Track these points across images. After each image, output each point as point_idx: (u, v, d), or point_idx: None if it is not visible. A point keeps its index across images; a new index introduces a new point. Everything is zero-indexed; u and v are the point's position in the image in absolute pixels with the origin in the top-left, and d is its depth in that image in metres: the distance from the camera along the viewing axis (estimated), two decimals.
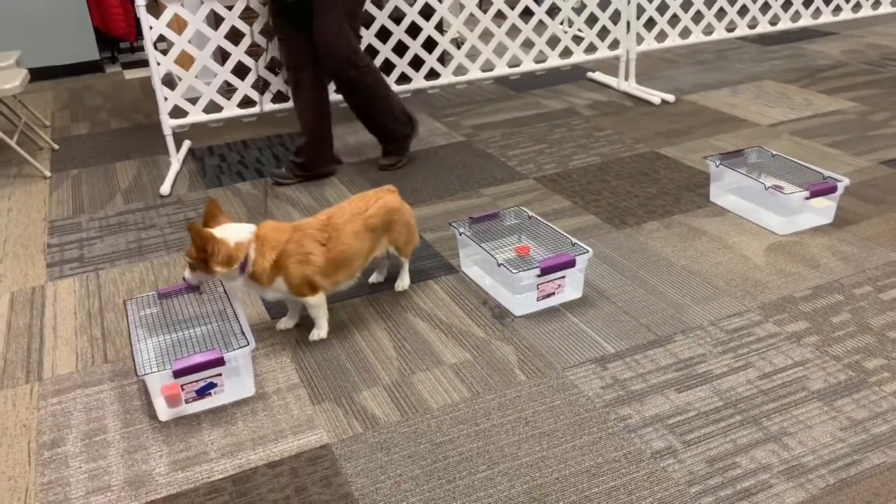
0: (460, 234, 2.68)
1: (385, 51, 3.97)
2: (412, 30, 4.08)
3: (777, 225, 2.89)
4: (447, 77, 4.25)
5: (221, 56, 4.09)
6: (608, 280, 2.64)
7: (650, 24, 4.60)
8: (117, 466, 1.93)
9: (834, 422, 1.94)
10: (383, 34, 3.98)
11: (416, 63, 4.24)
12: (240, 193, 3.51)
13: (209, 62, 3.65)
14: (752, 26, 4.94)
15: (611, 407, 2.04)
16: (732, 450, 1.87)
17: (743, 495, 1.74)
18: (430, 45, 4.29)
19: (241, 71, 3.80)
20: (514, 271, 2.38)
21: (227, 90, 3.96)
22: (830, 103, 4.23)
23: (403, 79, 4.12)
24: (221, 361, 2.05)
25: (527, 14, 4.29)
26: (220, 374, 2.09)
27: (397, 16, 3.97)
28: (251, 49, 3.72)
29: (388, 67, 4.08)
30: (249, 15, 3.66)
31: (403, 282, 2.65)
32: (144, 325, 2.34)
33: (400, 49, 4.13)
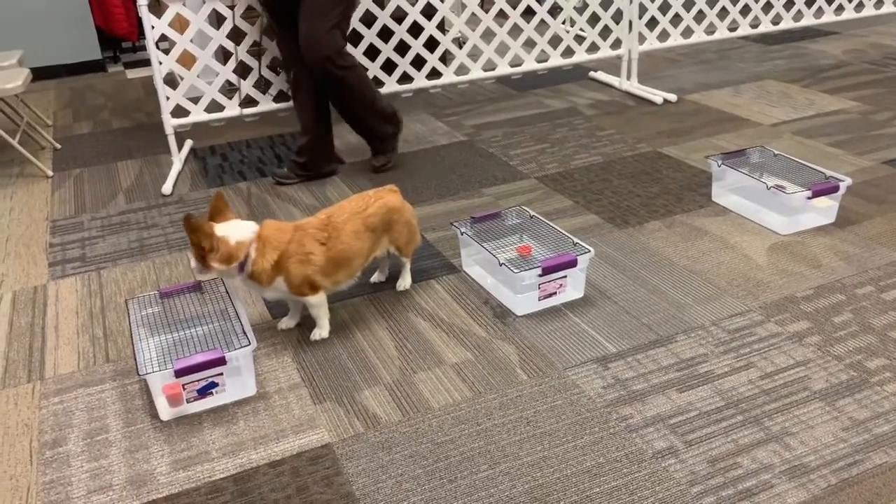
0: (462, 234, 2.68)
1: (387, 50, 3.96)
2: (414, 29, 4.08)
3: (779, 225, 2.89)
4: (449, 76, 4.24)
5: (223, 55, 4.09)
6: (610, 280, 2.64)
7: (652, 24, 4.60)
8: (119, 466, 1.93)
9: (836, 422, 1.94)
10: (385, 33, 3.98)
11: (418, 62, 4.24)
12: (242, 193, 3.51)
13: (211, 61, 3.66)
14: (755, 26, 4.93)
15: (612, 407, 2.04)
16: (734, 450, 1.87)
17: (744, 495, 1.74)
18: (432, 45, 4.29)
19: (243, 70, 3.80)
20: (516, 271, 2.38)
21: (229, 89, 3.97)
22: (833, 103, 4.22)
23: (405, 78, 4.12)
24: (223, 361, 2.05)
25: (528, 13, 4.29)
26: (222, 374, 2.09)
27: (399, 15, 3.97)
28: (253, 48, 3.73)
29: (390, 67, 4.08)
30: (251, 14, 3.66)
31: (405, 281, 2.65)
32: (146, 325, 2.34)
33: (402, 48, 4.13)
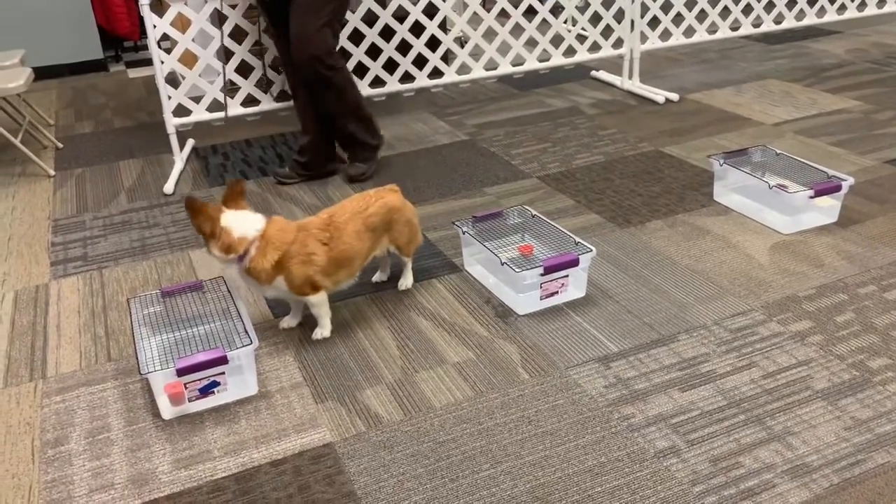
0: (463, 233, 2.67)
1: (388, 49, 3.96)
2: (416, 28, 4.07)
3: (781, 224, 2.88)
4: (451, 76, 4.24)
5: (225, 55, 4.09)
6: (611, 279, 2.63)
7: (654, 23, 4.60)
8: (120, 464, 1.93)
9: (838, 421, 1.94)
10: (387, 33, 3.98)
11: (420, 62, 4.24)
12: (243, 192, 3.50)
13: (213, 61, 3.65)
14: (757, 25, 4.92)
15: (614, 406, 2.03)
16: (736, 449, 1.87)
17: (746, 495, 1.74)
18: (434, 44, 4.29)
19: (245, 69, 3.80)
20: (518, 270, 2.38)
21: (231, 89, 3.97)
22: (835, 102, 4.22)
23: (407, 77, 4.12)
24: (225, 360, 2.05)
25: (530, 13, 4.28)
26: (224, 373, 2.09)
27: (401, 14, 3.97)
28: (255, 48, 3.73)
29: (392, 66, 4.08)
30: (253, 14, 3.66)
31: (407, 281, 2.65)
32: (148, 324, 2.34)
33: (403, 48, 4.12)
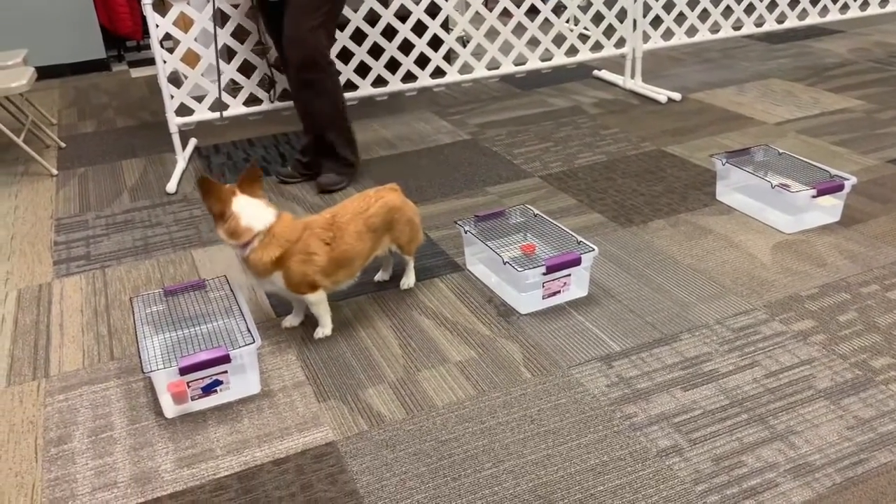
0: (466, 233, 2.68)
1: (391, 49, 3.97)
2: (418, 28, 4.07)
3: (784, 223, 2.88)
4: (453, 75, 4.24)
5: (227, 54, 4.10)
6: (614, 278, 2.63)
7: (656, 23, 4.59)
8: (123, 463, 1.94)
9: (841, 420, 1.94)
10: (389, 32, 3.98)
11: (422, 61, 4.24)
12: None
13: (215, 60, 3.65)
14: (759, 24, 4.92)
15: (616, 405, 2.03)
16: (738, 448, 1.87)
17: (749, 494, 1.74)
18: (436, 44, 4.29)
19: (247, 69, 3.80)
20: (520, 269, 2.38)
21: (234, 88, 3.97)
22: (837, 101, 4.21)
23: (409, 77, 4.12)
24: (227, 359, 2.05)
25: (533, 12, 4.29)
26: (226, 372, 2.09)
27: (403, 14, 3.97)
28: (257, 47, 3.73)
29: (394, 65, 4.08)
30: (255, 13, 3.66)
31: (409, 280, 2.65)
32: (150, 323, 2.34)
33: (406, 47, 4.12)
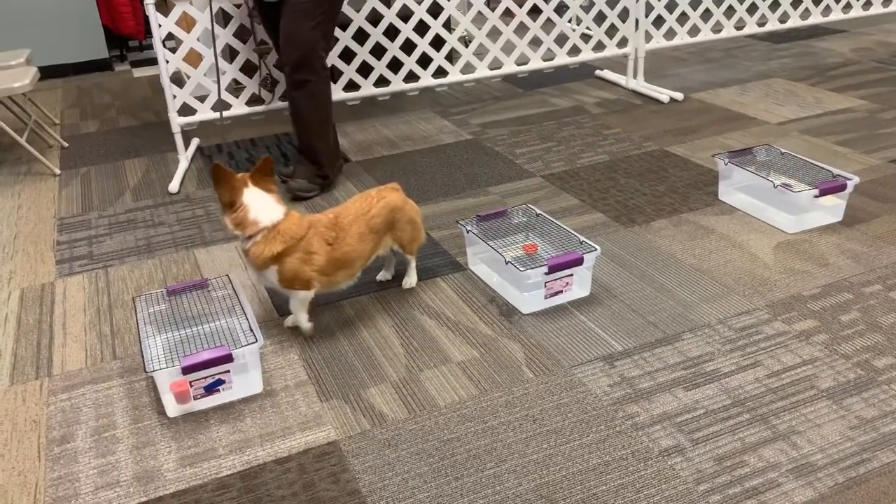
0: (468, 232, 2.68)
1: (393, 49, 3.97)
2: (420, 28, 4.07)
3: (786, 223, 2.88)
4: (455, 75, 4.24)
5: (230, 54, 4.10)
6: (616, 278, 2.63)
7: (659, 22, 4.59)
8: (126, 462, 1.94)
9: (843, 420, 1.94)
10: (391, 32, 3.98)
11: (424, 61, 4.24)
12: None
13: (218, 60, 3.66)
14: (762, 24, 4.91)
15: (618, 405, 2.03)
16: (741, 448, 1.87)
17: (751, 494, 1.73)
18: (438, 44, 4.29)
19: (250, 69, 3.80)
20: (522, 269, 2.38)
21: (236, 88, 3.97)
22: (840, 101, 4.21)
23: (411, 77, 4.12)
24: (230, 358, 2.05)
25: (535, 12, 4.28)
26: (229, 371, 2.09)
27: (405, 14, 3.97)
28: (262, 47, 3.73)
29: (396, 65, 4.08)
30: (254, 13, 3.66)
31: (411, 279, 2.65)
32: (153, 322, 2.34)
33: (408, 47, 4.12)
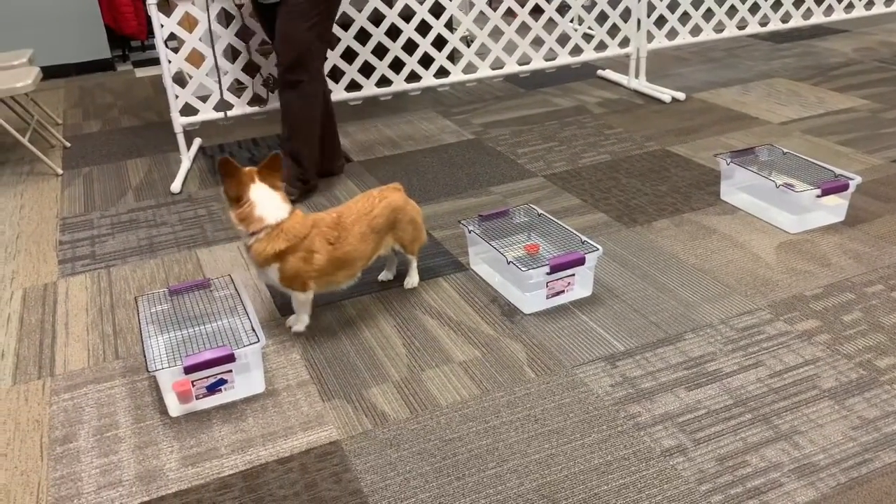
0: (469, 232, 2.68)
1: (395, 49, 3.97)
2: (422, 28, 4.08)
3: (788, 223, 2.87)
4: (457, 75, 4.24)
5: (232, 54, 4.10)
6: (618, 278, 2.63)
7: (661, 22, 4.59)
8: (128, 462, 1.94)
9: (845, 420, 1.93)
10: (393, 32, 3.98)
11: (426, 61, 4.24)
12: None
13: (219, 60, 3.66)
14: (764, 24, 4.91)
15: (620, 405, 2.03)
16: (742, 448, 1.87)
17: (753, 494, 1.73)
18: (440, 43, 4.29)
19: (251, 69, 3.80)
20: (524, 269, 2.38)
21: (238, 88, 3.98)
22: (842, 101, 4.20)
23: (413, 77, 4.12)
24: (232, 358, 2.05)
25: (537, 12, 4.28)
26: (231, 371, 2.09)
27: (407, 14, 3.97)
28: (262, 47, 3.73)
29: (398, 65, 4.08)
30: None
31: (412, 279, 2.65)
32: (155, 322, 2.35)
33: (410, 47, 4.13)
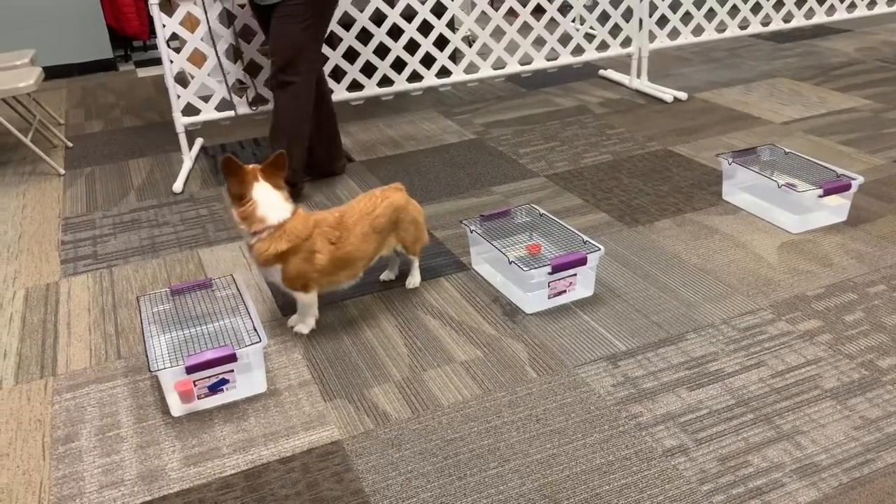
0: (471, 232, 2.68)
1: (396, 48, 3.97)
2: (424, 28, 4.08)
3: (790, 223, 2.87)
4: (459, 75, 4.24)
5: (234, 54, 4.10)
6: (620, 278, 2.63)
7: (662, 22, 4.58)
8: (130, 461, 1.95)
9: (847, 420, 1.93)
10: (395, 32, 3.98)
11: (428, 61, 4.24)
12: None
13: (222, 60, 3.66)
14: (766, 24, 4.91)
15: (622, 405, 2.03)
16: (744, 448, 1.87)
17: (755, 494, 1.73)
18: (442, 43, 4.29)
19: (253, 69, 3.81)
20: (526, 269, 2.38)
21: (240, 88, 3.98)
22: (844, 101, 4.20)
23: (415, 76, 4.12)
24: (233, 358, 2.06)
25: (538, 12, 4.28)
26: (233, 371, 2.10)
27: (409, 14, 3.97)
28: (264, 47, 3.73)
29: (400, 65, 4.08)
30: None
31: (414, 279, 2.66)
32: (157, 322, 2.35)
33: (411, 47, 4.13)
